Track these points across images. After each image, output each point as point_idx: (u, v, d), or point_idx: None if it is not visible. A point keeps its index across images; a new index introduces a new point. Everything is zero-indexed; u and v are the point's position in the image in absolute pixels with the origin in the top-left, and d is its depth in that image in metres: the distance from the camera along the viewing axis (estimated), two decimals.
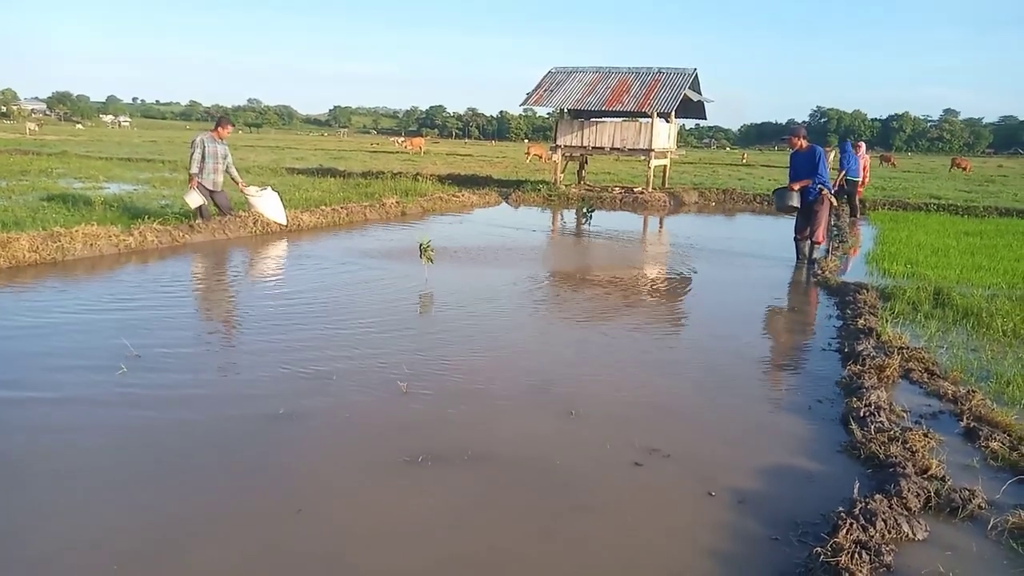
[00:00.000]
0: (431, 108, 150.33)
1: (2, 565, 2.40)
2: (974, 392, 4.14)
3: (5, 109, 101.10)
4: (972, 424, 3.74)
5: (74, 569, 2.41)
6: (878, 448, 3.38)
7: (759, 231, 13.33)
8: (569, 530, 2.75)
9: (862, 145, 15.07)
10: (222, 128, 9.32)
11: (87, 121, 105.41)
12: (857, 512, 2.71)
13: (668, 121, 18.57)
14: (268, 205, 9.76)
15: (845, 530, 2.59)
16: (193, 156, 9.02)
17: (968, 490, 2.96)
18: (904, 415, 3.88)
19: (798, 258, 8.97)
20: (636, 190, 17.73)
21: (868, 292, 6.74)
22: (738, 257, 9.68)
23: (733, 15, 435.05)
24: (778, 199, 8.98)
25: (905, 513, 2.79)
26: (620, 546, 2.66)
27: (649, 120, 17.36)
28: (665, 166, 19.36)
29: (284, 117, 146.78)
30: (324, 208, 11.42)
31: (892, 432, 3.54)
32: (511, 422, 3.77)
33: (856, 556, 2.45)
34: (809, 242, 8.85)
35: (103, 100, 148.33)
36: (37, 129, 53.42)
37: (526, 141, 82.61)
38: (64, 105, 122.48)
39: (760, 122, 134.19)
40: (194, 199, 9.10)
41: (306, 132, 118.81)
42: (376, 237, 10.22)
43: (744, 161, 42.41)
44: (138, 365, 4.31)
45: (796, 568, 2.51)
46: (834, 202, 9.30)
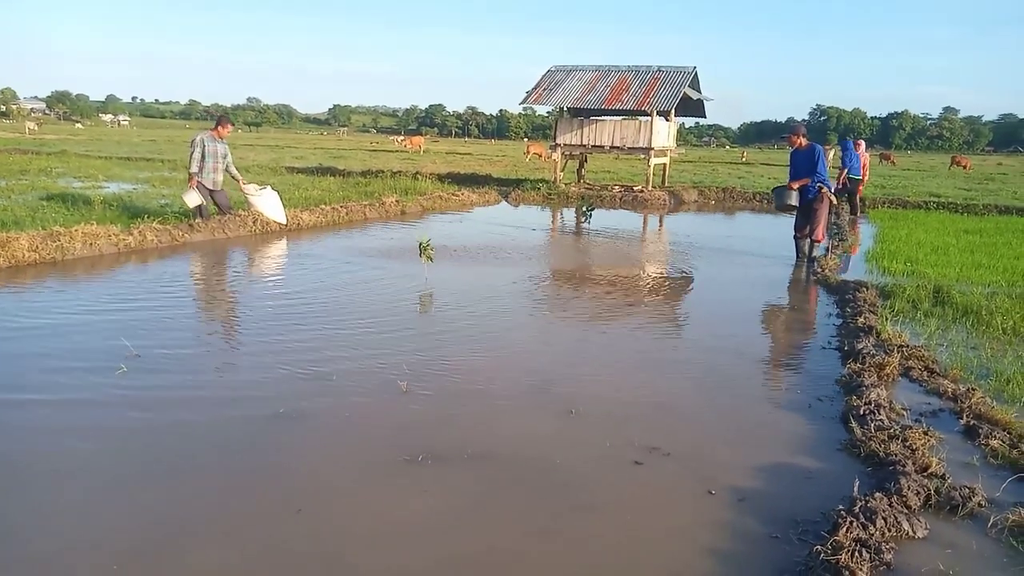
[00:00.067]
0: (430, 107, 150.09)
1: (2, 565, 2.41)
2: (974, 390, 4.14)
3: (4, 108, 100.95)
4: (972, 422, 3.74)
5: (74, 569, 2.41)
6: (878, 446, 3.38)
7: (759, 229, 13.33)
8: (569, 529, 2.75)
9: (862, 143, 15.08)
10: (222, 127, 9.33)
11: (86, 120, 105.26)
12: (857, 510, 2.72)
13: (668, 119, 18.56)
14: (268, 204, 9.80)
15: (845, 528, 2.59)
16: (193, 155, 9.03)
17: (968, 488, 2.96)
18: (904, 413, 3.88)
19: (798, 256, 8.97)
20: (636, 189, 17.73)
21: (868, 290, 6.74)
22: (738, 255, 9.68)
23: (733, 14, 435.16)
24: (777, 198, 8.99)
25: (905, 511, 2.80)
26: (620, 545, 2.66)
27: (649, 118, 17.35)
28: (665, 164, 19.36)
29: (284, 116, 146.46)
30: (324, 207, 11.42)
31: (892, 430, 3.54)
32: (511, 421, 3.77)
33: (856, 554, 2.45)
34: (809, 240, 8.85)
35: (102, 99, 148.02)
36: (36, 128, 53.39)
37: (526, 140, 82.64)
38: (63, 104, 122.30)
39: (760, 120, 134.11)
40: (192, 198, 9.10)
41: (306, 131, 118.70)
42: (376, 236, 10.22)
43: (744, 159, 42.41)
44: (138, 365, 4.32)
45: (796, 566, 2.51)
46: (834, 200, 9.30)
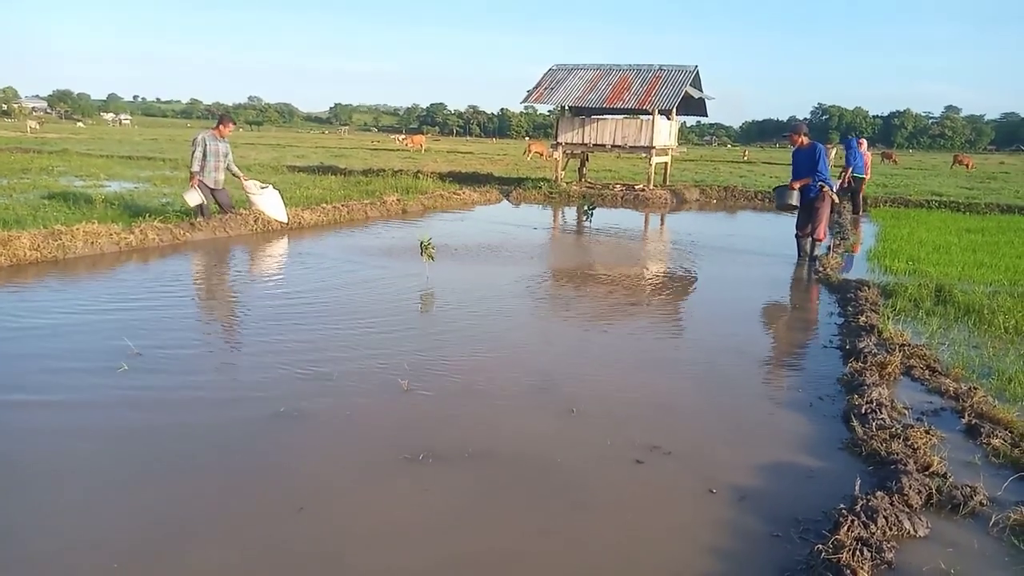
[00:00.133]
0: (432, 106, 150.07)
1: (3, 565, 2.41)
2: (975, 389, 4.13)
3: (6, 107, 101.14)
4: (974, 421, 3.74)
5: (75, 569, 2.41)
6: (879, 445, 3.38)
7: (760, 228, 13.31)
8: (570, 528, 2.75)
9: (864, 142, 15.09)
10: (223, 126, 9.33)
11: (88, 119, 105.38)
12: (858, 509, 2.71)
13: (669, 118, 18.54)
14: (269, 203, 9.82)
15: (846, 527, 2.58)
16: (195, 154, 9.04)
17: (970, 487, 2.96)
18: (906, 412, 3.88)
19: (799, 255, 8.96)
20: (637, 187, 17.71)
21: (869, 289, 6.73)
22: (739, 254, 9.67)
23: (734, 12, 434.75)
24: (778, 197, 8.97)
25: (906, 510, 2.79)
26: (621, 544, 2.66)
27: (650, 117, 17.33)
28: (666, 163, 19.34)
29: (285, 115, 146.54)
30: (325, 206, 11.43)
31: (893, 429, 3.54)
32: (512, 420, 3.76)
33: (857, 553, 2.44)
34: (810, 239, 8.84)
35: (104, 98, 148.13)
36: (38, 127, 53.45)
37: (527, 138, 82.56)
38: (65, 103, 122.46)
39: (761, 119, 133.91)
40: (193, 197, 9.10)
41: (307, 130, 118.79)
42: (377, 235, 10.22)
43: (745, 158, 42.36)
44: (139, 364, 4.32)
45: (797, 565, 2.51)
46: (835, 199, 9.28)
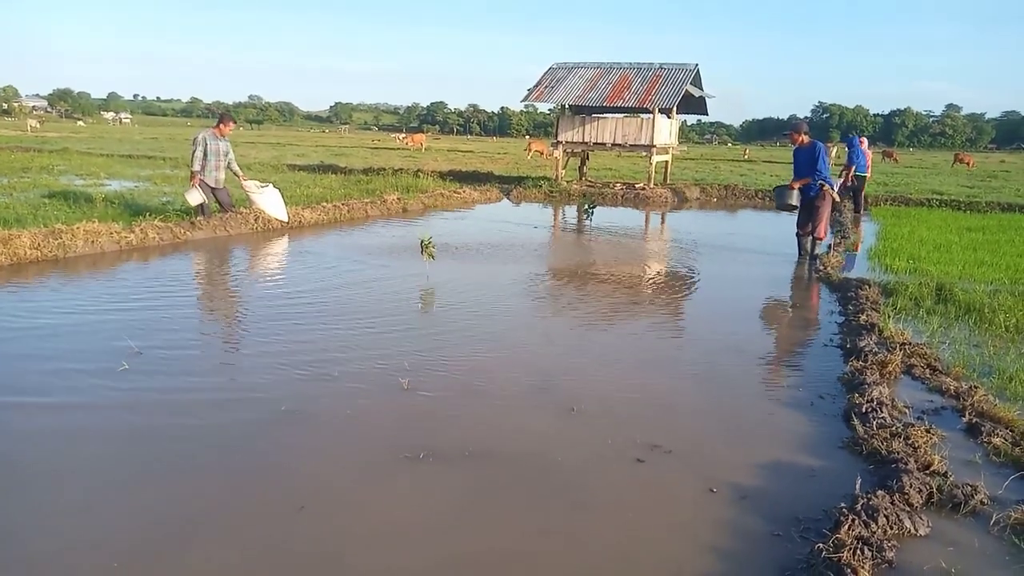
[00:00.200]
0: (432, 104, 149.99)
1: (3, 565, 2.41)
2: (976, 388, 4.13)
3: (6, 106, 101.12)
4: (974, 420, 3.74)
5: (75, 569, 2.41)
6: (880, 444, 3.38)
7: (761, 227, 13.30)
8: (570, 527, 2.75)
9: (864, 140, 15.09)
10: (224, 125, 9.33)
11: (88, 118, 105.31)
12: (859, 508, 2.71)
13: (670, 117, 18.53)
14: (269, 202, 9.83)
15: (847, 526, 2.58)
16: (195, 153, 9.04)
17: (970, 486, 2.96)
18: (906, 411, 3.88)
19: (800, 254, 8.95)
20: (638, 186, 17.70)
21: (870, 288, 6.73)
22: (740, 253, 9.66)
23: (734, 11, 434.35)
24: (778, 197, 8.97)
25: (907, 509, 2.79)
26: (621, 543, 2.66)
27: (650, 116, 17.32)
28: (667, 162, 19.33)
29: (285, 114, 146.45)
30: (325, 205, 11.43)
31: (894, 428, 3.54)
32: (512, 419, 3.76)
33: (858, 552, 2.44)
34: (811, 238, 8.84)
35: (104, 97, 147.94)
36: (38, 126, 53.44)
37: (527, 137, 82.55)
38: (65, 102, 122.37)
39: (762, 118, 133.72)
40: (194, 197, 9.11)
41: (307, 129, 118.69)
42: (377, 234, 10.22)
43: (746, 157, 42.34)
44: (139, 363, 4.32)
45: (798, 564, 2.51)
46: (836, 198, 9.28)
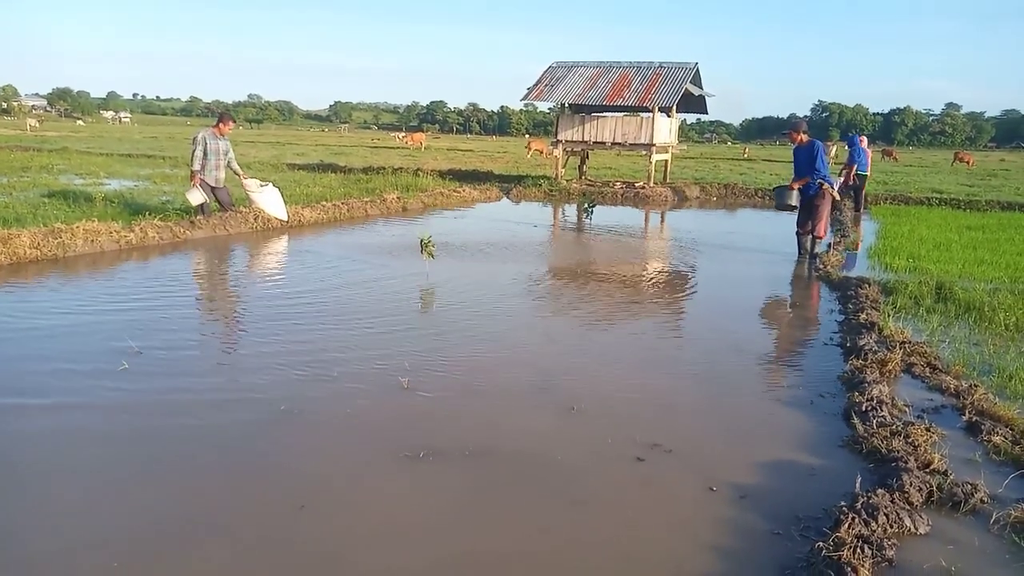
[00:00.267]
0: (432, 103, 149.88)
1: (3, 565, 2.41)
2: (976, 386, 4.14)
3: (6, 105, 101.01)
4: (974, 418, 3.74)
5: (75, 568, 2.41)
6: (880, 442, 3.38)
7: (761, 226, 13.29)
8: (570, 526, 2.75)
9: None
10: (223, 124, 9.33)
11: (87, 117, 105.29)
12: (859, 507, 2.71)
13: (669, 116, 18.52)
14: (269, 201, 9.83)
15: (847, 525, 2.58)
16: (195, 153, 9.03)
17: (970, 484, 2.96)
18: (906, 410, 3.88)
19: (800, 253, 8.95)
20: (637, 185, 17.69)
21: (870, 287, 6.73)
22: (740, 252, 9.66)
23: (734, 10, 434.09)
24: (777, 197, 8.96)
25: (907, 507, 2.79)
26: (621, 542, 2.66)
27: (650, 115, 17.31)
28: (666, 161, 19.32)
29: (285, 113, 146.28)
30: (325, 204, 11.42)
31: (894, 426, 3.54)
32: (512, 418, 3.76)
33: (858, 551, 2.44)
34: (811, 236, 8.84)
35: (103, 96, 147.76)
36: (38, 125, 53.44)
37: (527, 136, 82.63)
38: (65, 101, 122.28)
39: (761, 117, 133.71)
40: (196, 196, 9.10)
41: (307, 128, 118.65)
42: (377, 233, 10.22)
43: (746, 156, 42.31)
44: (139, 362, 4.32)
45: (798, 563, 2.51)
46: (837, 196, 9.28)
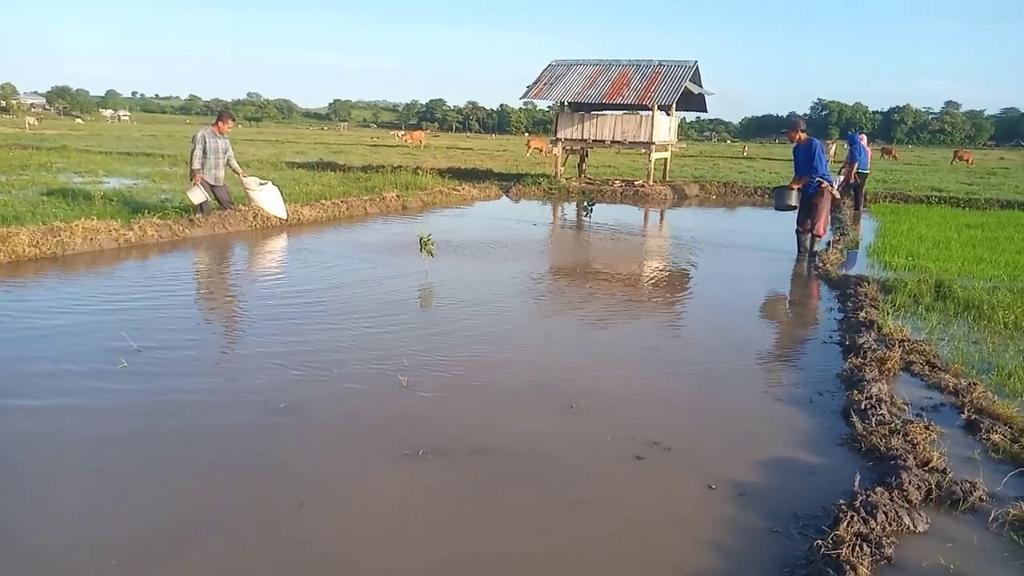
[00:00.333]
0: (431, 102, 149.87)
1: (3, 564, 2.41)
2: (975, 384, 4.14)
3: (4, 103, 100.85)
4: (973, 416, 3.74)
5: (75, 568, 2.41)
6: (879, 441, 3.38)
7: (760, 224, 13.29)
8: (570, 524, 2.75)
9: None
10: (223, 123, 9.31)
11: (86, 115, 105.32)
12: (858, 505, 2.71)
13: (669, 114, 18.51)
14: (268, 199, 9.83)
15: (846, 523, 2.59)
16: (195, 152, 9.01)
17: (969, 482, 2.96)
18: (905, 408, 3.88)
19: (799, 251, 8.95)
20: (637, 183, 17.69)
21: (869, 285, 6.73)
22: (740, 250, 9.66)
23: (733, 8, 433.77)
24: (777, 198, 8.95)
25: (906, 506, 2.80)
26: (621, 540, 2.66)
27: (650, 113, 17.30)
28: (666, 159, 19.31)
29: (284, 111, 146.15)
30: (324, 202, 11.42)
31: (893, 425, 3.54)
32: (512, 416, 3.77)
33: (857, 549, 2.45)
34: (810, 235, 8.84)
35: (102, 94, 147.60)
36: (36, 123, 53.46)
37: (526, 134, 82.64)
38: (63, 99, 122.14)
39: (761, 115, 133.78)
40: (197, 195, 9.10)
41: (306, 126, 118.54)
42: (376, 231, 10.21)
43: (745, 154, 42.30)
44: (138, 362, 4.32)
45: (797, 561, 2.51)
46: (837, 195, 9.28)
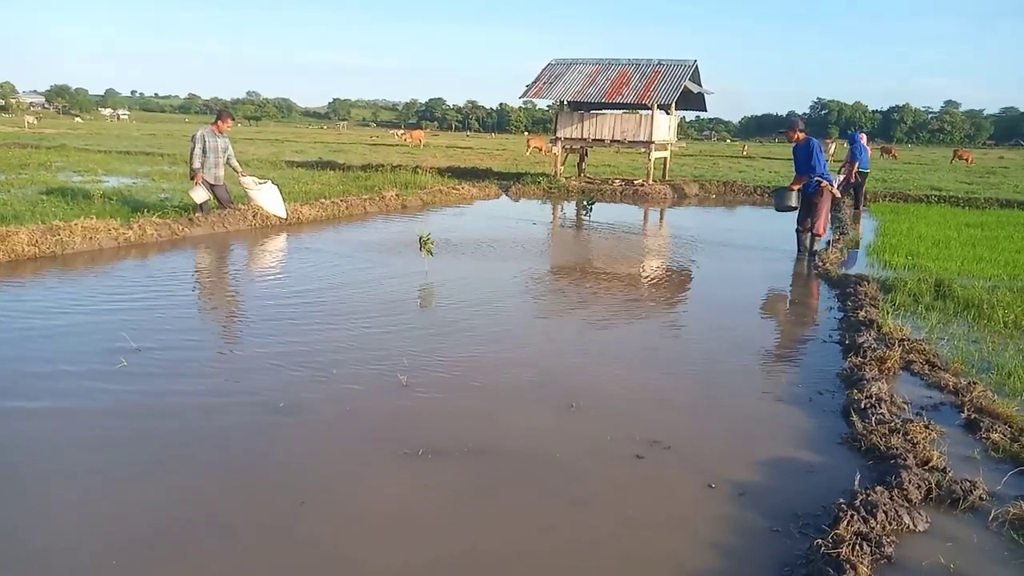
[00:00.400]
0: (430, 100, 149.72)
1: (3, 564, 2.40)
2: (975, 383, 4.14)
3: (3, 102, 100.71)
4: (973, 415, 3.74)
5: (75, 567, 2.41)
6: (879, 440, 3.38)
7: (760, 223, 13.28)
8: (570, 523, 2.75)
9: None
10: (222, 122, 9.30)
11: (85, 114, 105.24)
12: (858, 504, 2.72)
13: (668, 113, 18.51)
14: (268, 199, 9.82)
15: (846, 522, 2.59)
16: (194, 151, 8.99)
17: (969, 481, 2.96)
18: (905, 407, 3.88)
19: (799, 250, 8.95)
20: (636, 182, 17.68)
21: (869, 284, 6.73)
22: (739, 249, 9.66)
23: (733, 7, 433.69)
24: (777, 199, 8.95)
25: (906, 505, 2.80)
26: (621, 539, 2.66)
27: (649, 112, 17.30)
28: (665, 158, 19.31)
29: (283, 110, 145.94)
30: (324, 201, 11.41)
31: (893, 424, 3.54)
32: (511, 415, 3.76)
33: (857, 548, 2.45)
34: (810, 234, 8.84)
35: (102, 93, 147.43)
36: (36, 122, 53.45)
37: (526, 133, 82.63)
38: (62, 98, 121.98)
39: (760, 114, 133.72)
40: (200, 194, 9.09)
41: (305, 125, 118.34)
42: (376, 230, 10.21)
43: (744, 153, 42.30)
44: (138, 360, 4.31)
45: (797, 560, 2.51)
46: (837, 193, 9.27)
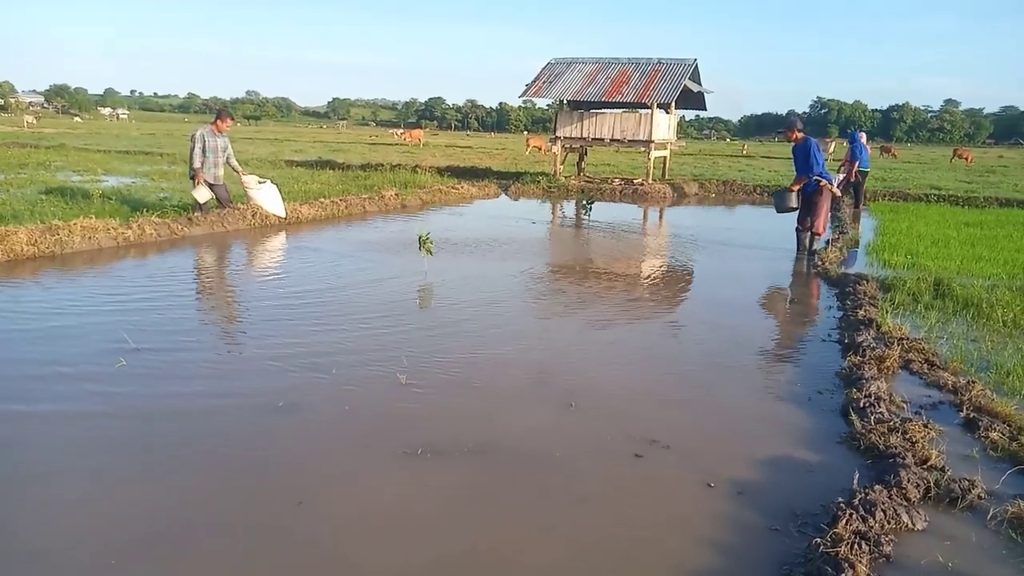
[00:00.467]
0: (430, 100, 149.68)
1: (3, 564, 2.41)
2: (974, 382, 4.14)
3: (3, 102, 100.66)
4: (972, 414, 3.74)
5: (75, 566, 2.41)
6: (878, 439, 3.39)
7: (759, 222, 13.28)
8: (569, 522, 2.75)
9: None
10: (221, 121, 9.29)
11: (85, 114, 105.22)
12: (857, 503, 2.72)
13: (668, 112, 18.51)
14: (267, 198, 9.82)
15: (845, 521, 2.59)
16: (194, 151, 8.97)
17: (968, 480, 2.97)
18: (904, 406, 3.89)
19: (799, 249, 8.96)
20: (636, 181, 17.68)
21: (868, 283, 6.74)
22: (739, 248, 9.66)
23: (733, 6, 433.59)
24: (777, 200, 8.95)
25: (905, 503, 2.80)
26: (620, 538, 2.66)
27: (649, 111, 17.30)
28: (665, 157, 19.31)
29: (283, 109, 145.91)
30: (323, 200, 11.41)
31: (892, 423, 3.54)
32: (511, 414, 3.76)
33: (856, 546, 2.45)
34: (809, 233, 8.84)
35: (101, 93, 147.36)
36: (35, 122, 53.43)
37: (526, 133, 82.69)
38: (62, 98, 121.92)
39: (760, 113, 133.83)
40: (203, 194, 9.08)
41: (305, 124, 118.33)
42: (375, 229, 10.21)
43: (744, 152, 42.31)
44: (137, 360, 4.31)
45: (796, 559, 2.51)
46: (837, 192, 9.27)
